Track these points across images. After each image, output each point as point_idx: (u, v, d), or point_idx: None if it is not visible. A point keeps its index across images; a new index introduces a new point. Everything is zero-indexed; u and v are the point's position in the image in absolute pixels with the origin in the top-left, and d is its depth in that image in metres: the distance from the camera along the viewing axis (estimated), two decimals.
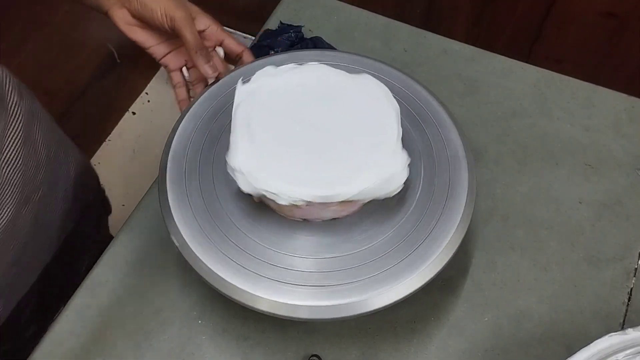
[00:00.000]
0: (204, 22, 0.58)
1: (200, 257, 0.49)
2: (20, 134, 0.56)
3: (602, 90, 0.72)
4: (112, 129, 1.61)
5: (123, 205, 1.46)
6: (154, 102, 1.64)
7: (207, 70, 0.57)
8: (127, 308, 0.59)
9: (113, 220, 1.00)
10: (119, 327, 0.58)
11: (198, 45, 0.55)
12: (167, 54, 0.59)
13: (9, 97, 0.55)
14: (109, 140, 1.60)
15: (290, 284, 0.48)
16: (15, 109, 0.56)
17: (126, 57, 1.52)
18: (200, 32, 0.58)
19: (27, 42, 0.68)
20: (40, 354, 0.57)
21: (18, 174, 0.56)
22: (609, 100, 0.71)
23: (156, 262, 0.61)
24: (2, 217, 0.55)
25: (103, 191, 0.82)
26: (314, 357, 0.56)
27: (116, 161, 1.56)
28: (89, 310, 0.59)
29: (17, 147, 0.55)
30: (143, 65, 1.65)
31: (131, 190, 1.49)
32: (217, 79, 0.60)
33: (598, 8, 1.04)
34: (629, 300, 0.59)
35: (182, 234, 0.50)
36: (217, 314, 0.58)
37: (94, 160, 1.55)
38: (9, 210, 0.55)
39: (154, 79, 1.68)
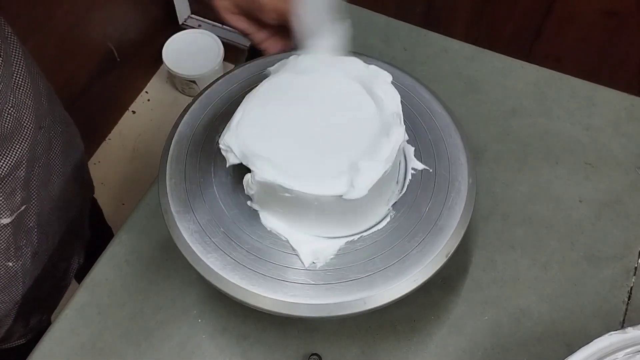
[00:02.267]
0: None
1: (200, 256, 0.49)
2: (21, 59, 0.57)
3: (602, 89, 0.72)
4: (112, 127, 1.61)
5: (123, 204, 1.47)
6: (154, 101, 1.64)
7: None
8: (127, 307, 0.59)
9: (113, 219, 1.00)
10: (118, 325, 0.58)
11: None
12: (266, 39, 0.60)
13: (4, 26, 0.57)
14: (109, 139, 1.60)
15: (290, 282, 0.48)
16: (11, 37, 0.58)
17: (126, 56, 1.52)
18: None
19: (27, 41, 0.69)
20: (40, 353, 0.57)
21: (30, 97, 0.57)
22: (609, 99, 0.71)
23: (156, 261, 0.61)
24: (25, 138, 0.57)
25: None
26: (314, 356, 0.56)
27: (116, 160, 1.56)
28: (88, 309, 0.59)
29: (23, 72, 0.57)
30: (143, 64, 1.65)
31: (131, 189, 1.50)
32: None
33: (598, 6, 1.04)
34: (628, 299, 0.59)
35: (182, 232, 0.50)
36: (217, 312, 0.58)
37: (94, 159, 1.55)
38: (29, 131, 0.57)
39: (154, 77, 1.68)
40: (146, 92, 1.66)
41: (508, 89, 0.72)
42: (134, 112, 1.64)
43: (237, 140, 0.48)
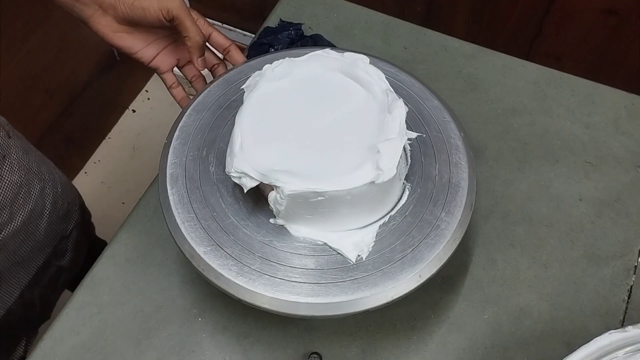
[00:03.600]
0: (194, 15, 0.58)
1: (201, 255, 0.49)
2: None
3: (602, 87, 0.72)
4: (112, 126, 1.61)
5: (123, 203, 1.47)
6: (154, 100, 1.64)
7: (200, 64, 0.56)
8: (127, 305, 0.59)
9: (113, 218, 1.00)
10: (119, 324, 0.58)
11: (198, 33, 0.55)
12: (155, 56, 0.58)
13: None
14: (109, 137, 1.60)
15: (290, 281, 0.48)
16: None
17: (126, 55, 1.52)
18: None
19: (27, 40, 0.68)
20: (40, 352, 0.57)
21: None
22: (609, 98, 0.71)
23: (156, 260, 0.61)
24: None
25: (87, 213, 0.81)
26: (314, 355, 0.56)
27: (116, 159, 1.56)
28: (89, 308, 0.59)
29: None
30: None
31: (131, 188, 1.50)
32: (217, 76, 0.59)
33: (598, 5, 1.04)
34: (628, 297, 0.59)
35: (182, 231, 0.50)
36: (217, 311, 0.58)
37: (94, 158, 1.55)
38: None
39: (153, 76, 1.68)
40: (146, 90, 1.66)
41: (508, 88, 0.72)
42: (134, 111, 1.63)
43: (249, 162, 0.47)
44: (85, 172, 1.52)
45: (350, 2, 0.81)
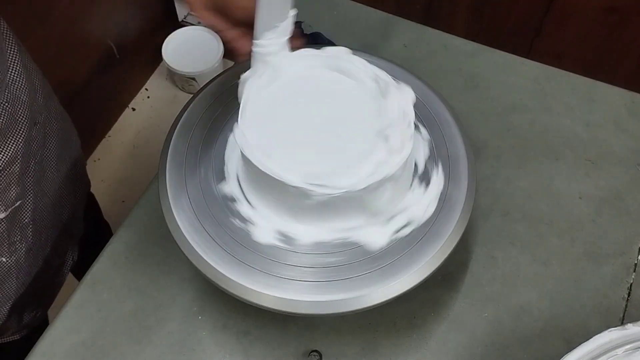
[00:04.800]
0: None
1: (200, 253, 0.49)
2: (17, 54, 0.57)
3: (603, 85, 0.72)
4: (112, 124, 1.61)
5: (123, 201, 1.47)
6: (153, 98, 1.64)
7: (294, 45, 0.56)
8: (127, 304, 0.59)
9: (113, 216, 1.00)
10: (119, 323, 0.58)
11: None
12: (237, 38, 0.59)
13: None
14: (109, 136, 1.59)
15: (290, 279, 0.48)
16: (7, 32, 0.57)
17: (126, 53, 1.51)
18: None
19: (27, 39, 0.68)
20: (40, 351, 0.57)
21: (25, 93, 0.57)
22: (609, 96, 0.71)
23: (156, 258, 0.61)
24: (19, 133, 0.56)
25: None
26: (314, 353, 0.56)
27: (116, 157, 1.56)
28: (88, 306, 0.59)
29: (18, 68, 0.57)
30: (143, 61, 1.65)
31: (131, 186, 1.50)
32: (215, 77, 0.59)
33: (598, 3, 1.04)
34: (628, 295, 0.59)
35: (182, 229, 0.50)
36: (217, 309, 0.58)
37: (94, 156, 1.55)
38: (23, 127, 0.57)
39: (153, 74, 1.68)
40: (146, 89, 1.66)
41: (508, 86, 0.72)
42: (133, 109, 1.63)
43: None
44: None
45: (350, 0, 0.81)
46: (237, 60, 0.59)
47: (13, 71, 0.56)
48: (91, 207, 0.88)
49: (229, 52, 0.61)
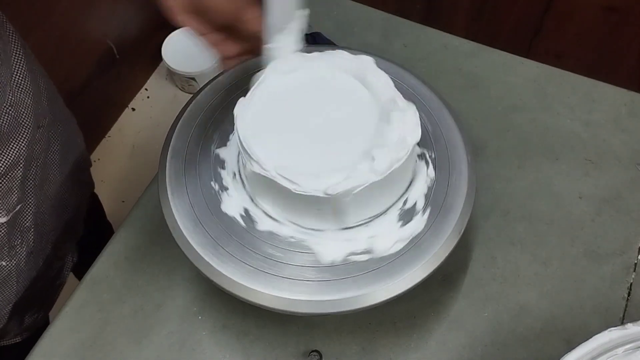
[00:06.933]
0: (253, 12, 0.57)
1: (200, 253, 0.49)
2: (22, 57, 0.57)
3: (602, 85, 0.72)
4: (112, 125, 1.61)
5: (123, 201, 1.47)
6: (153, 98, 1.64)
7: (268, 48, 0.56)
8: (127, 304, 0.59)
9: (113, 216, 1.00)
10: (118, 323, 0.58)
11: (252, 36, 0.55)
12: (220, 42, 0.59)
13: (5, 24, 0.57)
14: (109, 136, 1.59)
15: (290, 278, 0.48)
16: (13, 35, 0.57)
17: (125, 53, 1.51)
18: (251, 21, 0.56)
19: (27, 39, 0.69)
20: (40, 351, 0.57)
21: (29, 96, 0.57)
22: (609, 95, 0.71)
23: (156, 258, 0.61)
24: (23, 137, 0.56)
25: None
26: (314, 353, 0.56)
27: (116, 157, 1.56)
28: (88, 307, 0.59)
29: (23, 71, 0.57)
30: (142, 61, 1.65)
31: (131, 186, 1.50)
32: (214, 77, 0.59)
33: (598, 2, 1.04)
34: (628, 295, 0.59)
35: (182, 229, 0.50)
36: (217, 309, 0.59)
37: (93, 157, 1.55)
38: (27, 130, 0.57)
39: (153, 74, 1.68)
40: (146, 89, 1.66)
41: (508, 85, 0.72)
42: (133, 109, 1.63)
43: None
44: None
45: (350, 0, 0.81)
46: (221, 65, 0.59)
47: (18, 74, 0.56)
48: (94, 208, 0.88)
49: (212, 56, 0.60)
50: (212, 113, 0.57)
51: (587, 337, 0.43)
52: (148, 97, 1.65)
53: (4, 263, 0.60)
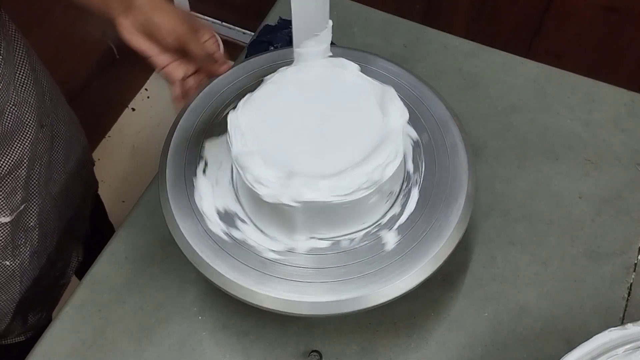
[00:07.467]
0: (205, 35, 0.58)
1: (200, 253, 0.49)
2: (25, 57, 0.57)
3: (602, 85, 0.72)
4: (112, 125, 1.60)
5: (123, 201, 1.46)
6: (153, 98, 1.64)
7: (219, 70, 0.57)
8: (128, 304, 0.59)
9: (113, 216, 1.00)
10: (119, 323, 0.58)
11: (204, 57, 0.55)
12: (168, 63, 0.59)
13: (7, 24, 0.57)
14: (109, 136, 1.59)
15: (290, 280, 0.48)
16: (15, 34, 0.58)
17: (125, 53, 1.51)
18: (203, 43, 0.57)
19: (27, 38, 0.69)
20: (40, 351, 0.57)
21: (32, 96, 0.57)
22: (609, 95, 0.71)
23: (156, 258, 0.61)
24: (26, 136, 0.57)
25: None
26: (314, 353, 0.56)
27: (116, 157, 1.56)
28: (89, 307, 0.59)
29: (26, 70, 0.57)
30: (142, 61, 1.65)
31: (131, 187, 1.49)
32: (211, 79, 0.59)
33: (598, 2, 1.04)
34: (628, 295, 0.59)
35: (182, 230, 0.50)
36: (217, 309, 0.58)
37: (94, 157, 1.54)
38: (30, 130, 0.57)
39: (153, 74, 1.68)
40: (146, 89, 1.66)
41: (508, 85, 0.72)
42: (133, 109, 1.63)
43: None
44: None
45: (349, 0, 0.81)
46: (174, 103, 0.59)
47: (21, 74, 0.56)
48: (97, 208, 0.88)
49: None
50: (212, 113, 0.57)
51: (587, 337, 0.43)
52: (148, 97, 1.65)
53: (7, 262, 0.60)
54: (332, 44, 0.73)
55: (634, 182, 0.65)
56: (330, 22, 0.52)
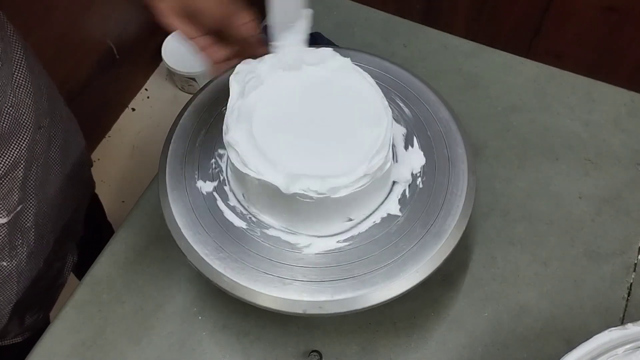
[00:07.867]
0: (244, 17, 0.57)
1: (200, 253, 0.49)
2: (22, 58, 0.57)
3: (602, 85, 0.72)
4: (112, 125, 1.61)
5: (123, 201, 1.47)
6: (153, 98, 1.64)
7: (258, 52, 0.56)
8: (127, 304, 0.59)
9: (113, 217, 1.00)
10: (119, 323, 0.58)
11: (243, 40, 0.55)
12: (209, 46, 0.59)
13: (6, 25, 0.57)
14: (109, 136, 1.59)
15: (290, 279, 0.48)
16: (13, 35, 0.57)
17: (125, 53, 1.51)
18: (242, 26, 0.57)
19: (27, 38, 0.69)
20: (40, 351, 0.57)
21: (30, 96, 0.57)
22: (609, 95, 0.71)
23: (156, 258, 0.61)
24: (23, 137, 0.56)
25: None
26: (314, 353, 0.56)
27: (116, 157, 1.56)
28: (89, 307, 0.59)
29: (23, 72, 0.57)
30: (142, 62, 1.65)
31: (131, 187, 1.50)
32: (214, 77, 0.59)
33: (598, 2, 1.04)
34: (628, 295, 0.59)
35: (182, 230, 0.50)
36: (217, 309, 0.58)
37: (93, 157, 1.55)
38: (27, 131, 0.57)
39: (153, 74, 1.68)
40: (145, 89, 1.66)
41: (508, 85, 0.72)
42: (133, 109, 1.63)
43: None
44: None
45: (349, 0, 0.81)
46: (211, 70, 0.59)
47: (18, 75, 0.56)
48: (94, 208, 0.88)
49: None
50: (212, 113, 0.57)
51: (587, 337, 0.43)
52: (148, 97, 1.65)
53: (4, 263, 0.60)
54: (332, 44, 0.74)
55: (634, 182, 0.65)
56: (310, 11, 0.51)
